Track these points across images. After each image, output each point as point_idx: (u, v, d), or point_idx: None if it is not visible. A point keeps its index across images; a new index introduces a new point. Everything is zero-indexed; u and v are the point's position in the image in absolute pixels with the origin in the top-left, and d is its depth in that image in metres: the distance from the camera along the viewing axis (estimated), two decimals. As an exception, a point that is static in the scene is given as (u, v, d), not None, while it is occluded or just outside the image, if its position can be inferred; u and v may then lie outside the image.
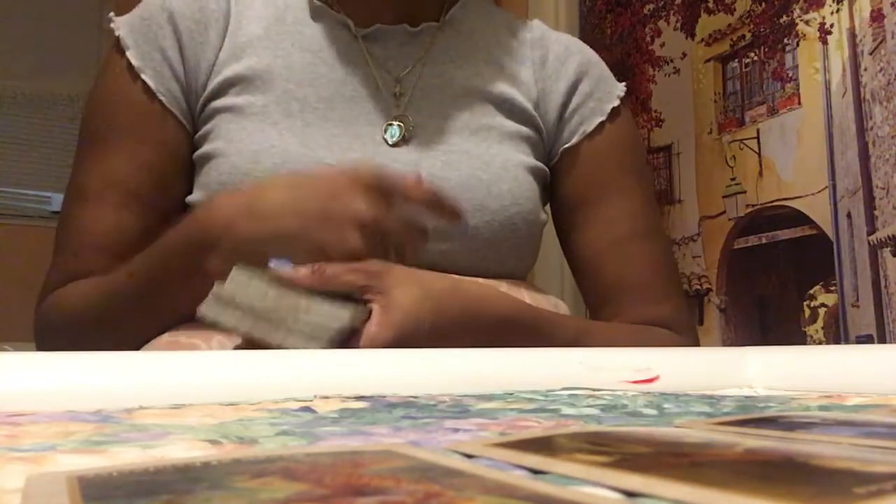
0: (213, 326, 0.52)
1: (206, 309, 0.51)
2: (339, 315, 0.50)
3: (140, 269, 0.61)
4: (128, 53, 0.68)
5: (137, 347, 0.61)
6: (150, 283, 0.60)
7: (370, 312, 0.53)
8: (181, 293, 0.55)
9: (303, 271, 0.51)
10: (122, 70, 0.69)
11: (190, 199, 0.68)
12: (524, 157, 0.72)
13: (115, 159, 0.68)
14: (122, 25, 0.70)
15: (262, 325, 0.50)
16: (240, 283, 0.51)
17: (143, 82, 0.68)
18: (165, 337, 0.60)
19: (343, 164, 0.64)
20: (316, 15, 0.73)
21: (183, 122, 0.69)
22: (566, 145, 0.75)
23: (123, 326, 0.62)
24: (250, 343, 0.52)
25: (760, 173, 1.49)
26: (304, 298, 0.51)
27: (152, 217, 0.68)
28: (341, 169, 0.56)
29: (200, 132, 0.69)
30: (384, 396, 0.35)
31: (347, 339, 0.52)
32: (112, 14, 0.71)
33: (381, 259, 0.53)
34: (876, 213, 1.26)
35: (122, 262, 0.67)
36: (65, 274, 0.67)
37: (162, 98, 0.68)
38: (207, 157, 0.67)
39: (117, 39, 0.70)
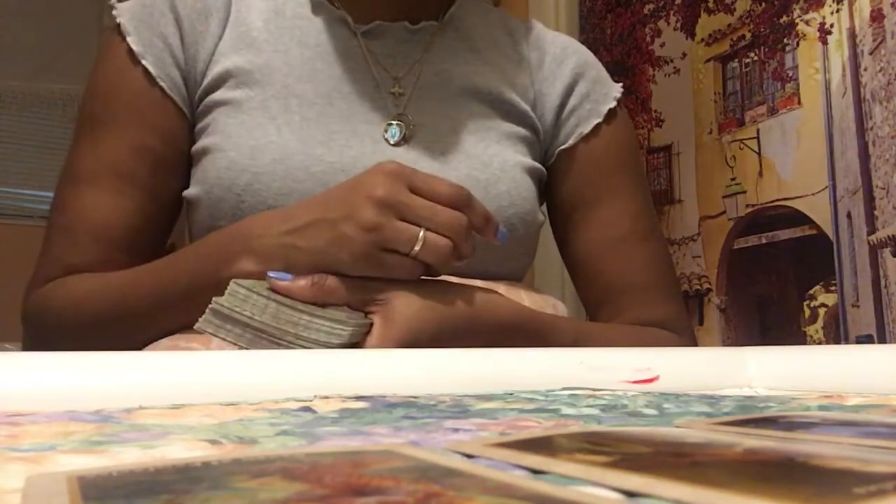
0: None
1: (204, 324, 0.50)
2: (338, 332, 0.50)
3: (161, 272, 0.60)
4: (128, 39, 0.68)
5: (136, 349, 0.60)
6: (172, 287, 0.58)
7: (371, 325, 0.52)
8: (201, 301, 0.53)
9: (301, 283, 0.51)
10: (122, 55, 0.68)
11: (187, 193, 0.67)
12: (522, 158, 0.72)
13: (112, 143, 0.67)
14: (123, 12, 0.69)
15: (261, 342, 0.50)
16: (238, 297, 0.50)
17: (144, 68, 0.67)
18: (165, 341, 0.59)
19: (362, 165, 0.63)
20: (315, 10, 0.73)
21: (183, 109, 0.69)
22: (563, 147, 0.75)
23: (129, 329, 0.60)
24: None
25: (760, 173, 1.49)
26: (304, 314, 0.50)
27: (150, 204, 0.67)
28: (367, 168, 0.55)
29: (198, 126, 0.69)
30: (384, 396, 0.35)
31: None
32: (114, 0, 0.71)
33: (411, 243, 0.51)
34: (876, 213, 1.26)
35: (118, 250, 0.65)
36: (60, 263, 0.66)
37: (163, 84, 0.67)
38: (205, 152, 0.66)
39: (118, 25, 0.69)
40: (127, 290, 0.61)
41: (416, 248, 0.51)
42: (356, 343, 0.51)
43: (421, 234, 0.51)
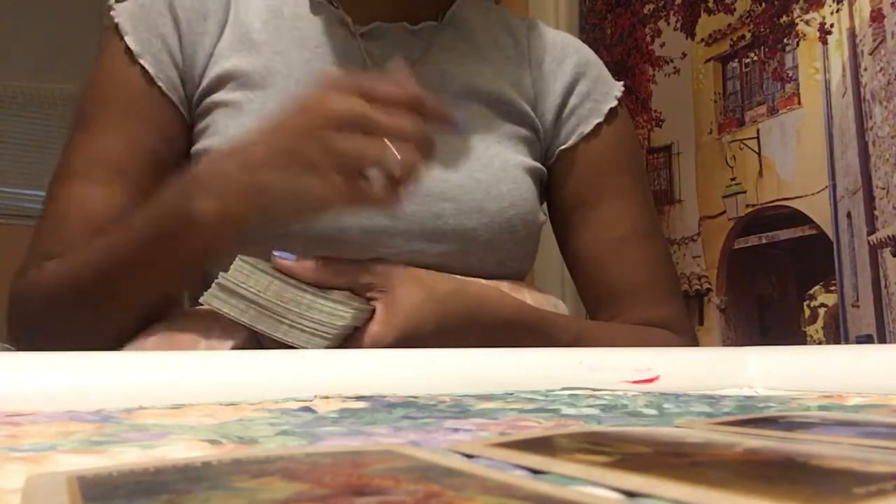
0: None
1: (210, 297, 0.51)
2: (341, 313, 0.50)
3: (126, 229, 0.58)
4: (126, 38, 0.68)
5: (118, 336, 0.58)
6: (139, 241, 0.57)
7: (373, 311, 0.52)
8: (171, 254, 0.53)
9: (306, 264, 0.51)
10: (119, 54, 0.68)
11: None
12: (522, 158, 0.72)
13: (107, 138, 0.66)
14: (121, 12, 0.69)
15: (264, 318, 0.51)
16: (243, 273, 0.51)
17: (142, 67, 0.67)
18: (161, 330, 0.59)
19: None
20: (314, 10, 0.73)
21: (181, 109, 0.68)
22: (563, 146, 0.75)
23: (104, 300, 0.59)
24: (252, 334, 0.52)
25: (760, 173, 1.49)
26: (307, 293, 0.51)
27: (143, 200, 0.65)
28: (315, 83, 0.53)
29: (197, 127, 0.69)
30: (384, 396, 0.35)
31: (349, 337, 0.52)
32: (112, 1, 0.71)
33: (377, 158, 0.49)
34: (876, 213, 1.26)
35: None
36: (45, 250, 0.64)
37: (161, 84, 0.67)
38: (204, 154, 0.66)
39: (115, 25, 0.68)
40: (100, 249, 0.59)
41: (391, 164, 0.49)
42: (356, 328, 0.52)
43: (387, 146, 0.49)
